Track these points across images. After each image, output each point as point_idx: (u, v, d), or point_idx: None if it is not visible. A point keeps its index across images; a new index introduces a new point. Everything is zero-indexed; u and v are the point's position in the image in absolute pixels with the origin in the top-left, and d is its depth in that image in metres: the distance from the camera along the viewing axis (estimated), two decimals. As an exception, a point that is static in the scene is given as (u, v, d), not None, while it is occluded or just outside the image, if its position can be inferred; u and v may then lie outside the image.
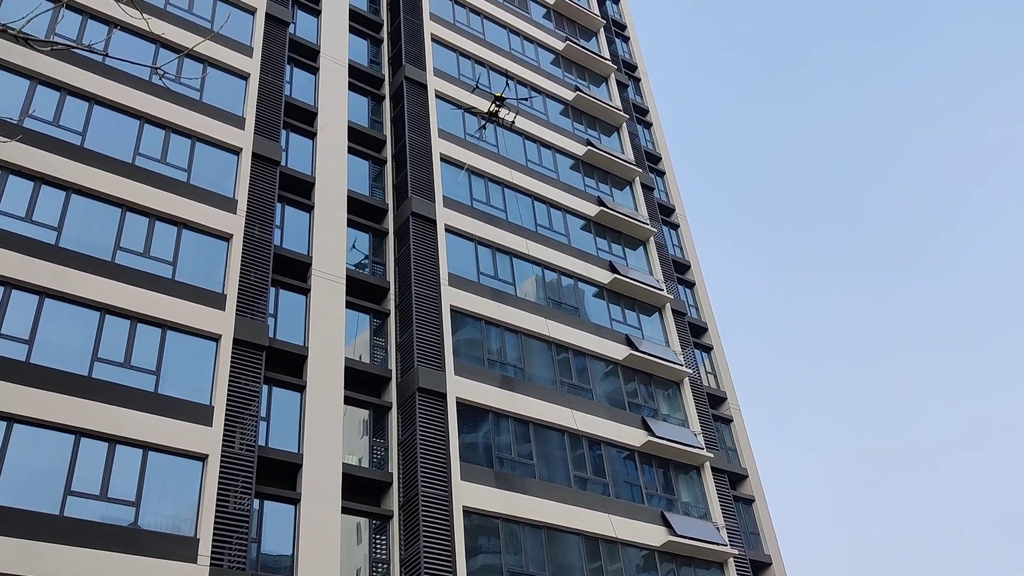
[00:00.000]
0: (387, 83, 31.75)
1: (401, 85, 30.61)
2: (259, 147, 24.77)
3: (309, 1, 30.96)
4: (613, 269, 30.94)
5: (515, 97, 32.44)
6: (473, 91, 31.33)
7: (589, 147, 34.04)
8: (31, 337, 18.61)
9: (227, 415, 19.90)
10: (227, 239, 22.75)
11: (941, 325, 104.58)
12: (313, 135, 27.43)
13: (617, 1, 47.07)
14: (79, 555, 16.65)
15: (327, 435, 21.50)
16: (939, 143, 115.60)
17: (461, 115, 31.35)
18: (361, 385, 24.15)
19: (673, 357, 29.93)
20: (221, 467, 19.14)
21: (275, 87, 26.61)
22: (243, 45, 26.69)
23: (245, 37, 27.03)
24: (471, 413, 24.33)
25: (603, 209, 32.30)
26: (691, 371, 30.29)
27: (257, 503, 20.00)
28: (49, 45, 7.36)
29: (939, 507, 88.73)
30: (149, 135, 23.30)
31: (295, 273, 24.27)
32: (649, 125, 41.66)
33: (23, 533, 16.35)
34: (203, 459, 19.13)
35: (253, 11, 27.76)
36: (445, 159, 29.47)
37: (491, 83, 32.98)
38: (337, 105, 28.45)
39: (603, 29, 41.20)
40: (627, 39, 45.22)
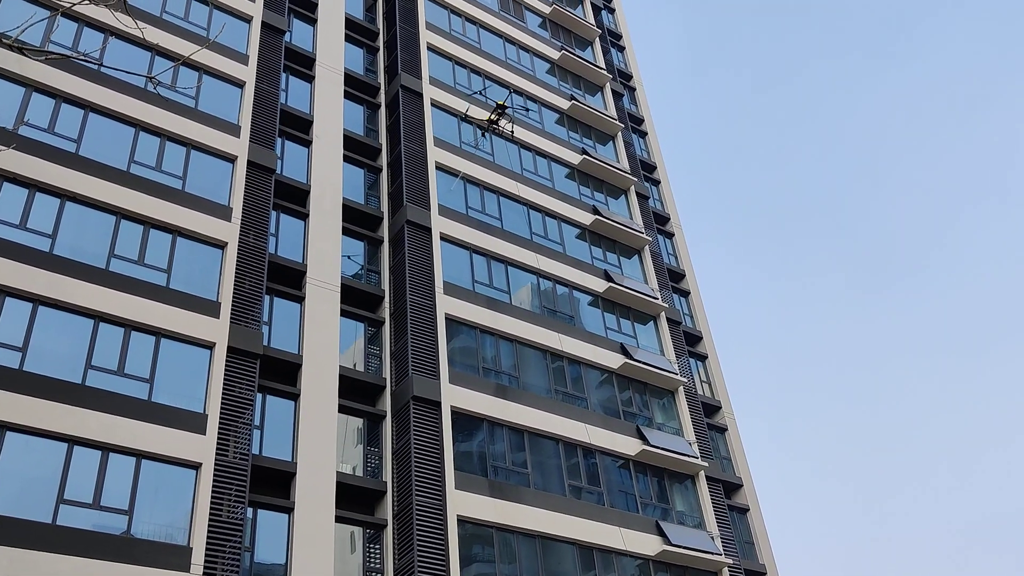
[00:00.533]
0: (383, 91, 31.81)
1: (397, 93, 30.66)
2: (254, 155, 24.79)
3: (305, 10, 31.04)
4: (608, 278, 30.96)
5: (513, 107, 32.50)
6: (476, 94, 31.42)
7: (584, 156, 34.11)
8: (24, 344, 18.56)
9: (221, 423, 19.86)
10: (222, 247, 22.73)
11: (938, 334, 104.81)
12: (308, 143, 27.46)
13: (612, 11, 47.23)
14: (71, 564, 16.57)
15: (321, 444, 21.45)
16: (937, 150, 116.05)
17: (457, 124, 31.42)
18: (355, 393, 24.12)
19: (668, 366, 29.95)
20: (215, 475, 19.08)
21: (271, 95, 26.64)
22: (239, 53, 26.73)
23: (241, 45, 27.07)
24: (466, 422, 24.30)
25: (598, 218, 32.35)
26: (686, 380, 30.31)
27: (251, 512, 19.94)
28: (44, 54, 7.36)
29: (935, 516, 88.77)
30: (144, 143, 23.31)
31: (290, 281, 24.26)
32: (644, 134, 41.76)
33: (15, 542, 16.27)
34: (196, 467, 19.07)
35: (249, 19, 27.81)
36: (440, 167, 29.50)
37: (485, 92, 33.02)
38: (333, 113, 28.48)
39: (598, 39, 41.33)
40: (622, 49, 45.37)
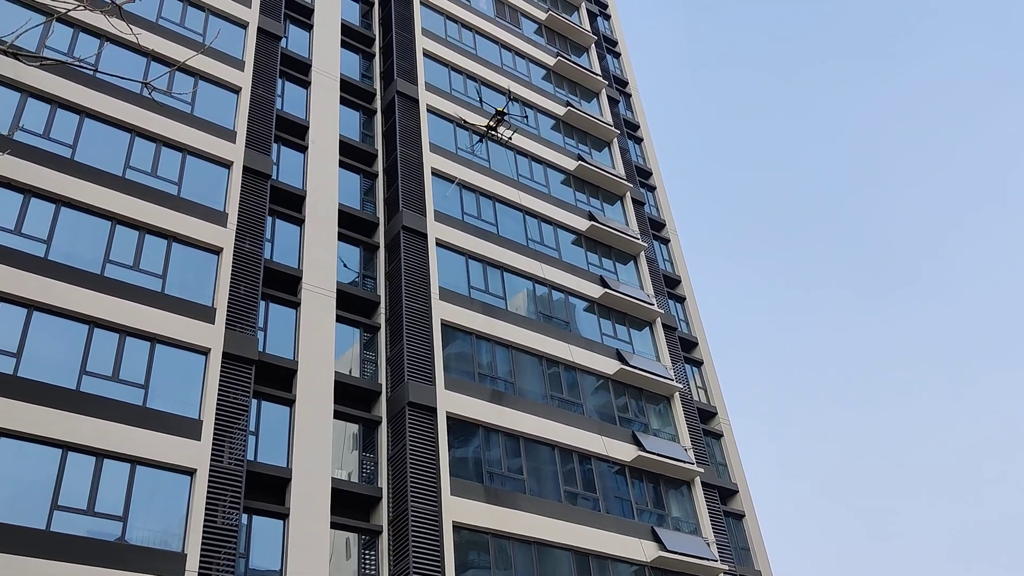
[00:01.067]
0: (379, 97, 31.84)
1: (393, 99, 30.69)
2: (250, 161, 24.78)
3: (301, 15, 31.07)
4: (604, 284, 30.98)
5: (511, 113, 32.54)
6: (476, 101, 31.50)
7: (580, 162, 34.15)
8: (19, 350, 18.51)
9: (216, 429, 19.81)
10: (217, 252, 22.71)
11: (934, 341, 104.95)
12: (304, 149, 27.46)
13: (608, 17, 47.33)
14: (65, 570, 16.51)
15: (316, 450, 21.42)
16: (937, 154, 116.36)
17: (453, 129, 31.46)
18: (351, 399, 24.09)
19: (663, 372, 29.95)
20: (209, 482, 19.04)
21: (266, 101, 26.64)
22: (235, 59, 26.73)
23: (237, 51, 27.08)
24: (461, 428, 24.27)
25: (594, 224, 32.37)
26: (681, 386, 30.31)
27: (245, 518, 19.89)
28: (39, 60, 7.35)
29: (933, 523, 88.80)
30: (140, 148, 23.29)
31: (285, 287, 24.24)
32: (640, 140, 41.82)
33: (9, 548, 16.21)
34: (191, 473, 19.02)
35: (245, 25, 27.83)
36: (436, 173, 29.52)
37: (482, 98, 33.06)
38: (328, 119, 28.50)
39: (594, 45, 41.39)
40: (618, 55, 45.46)
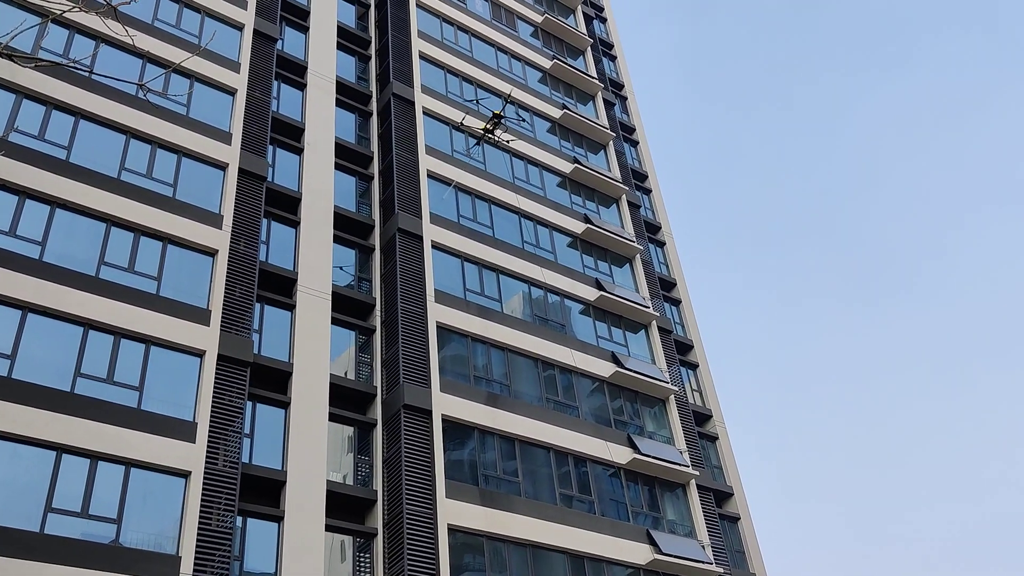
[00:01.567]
0: (374, 99, 31.84)
1: (389, 102, 30.69)
2: (245, 162, 24.76)
3: (297, 18, 31.06)
4: (599, 286, 31.00)
5: (507, 116, 32.55)
6: (474, 103, 31.50)
7: (576, 165, 34.17)
8: (13, 352, 18.47)
9: (211, 431, 19.78)
10: (212, 254, 22.69)
11: (931, 342, 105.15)
12: (300, 151, 27.44)
13: (604, 20, 47.40)
14: (60, 572, 16.47)
15: (311, 452, 21.39)
16: (932, 159, 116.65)
17: (449, 132, 31.47)
18: (346, 402, 24.07)
19: (659, 374, 29.97)
20: (204, 484, 19.00)
21: (262, 103, 26.63)
22: (231, 61, 26.72)
23: (233, 53, 27.06)
24: (456, 430, 24.26)
25: (589, 226, 32.40)
26: (677, 388, 30.33)
27: (240, 520, 19.86)
28: (35, 61, 7.34)
29: (930, 526, 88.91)
30: (135, 150, 23.26)
31: (280, 289, 24.21)
32: (636, 143, 41.87)
33: (2, 550, 16.16)
34: (186, 476, 18.99)
35: (241, 27, 27.82)
36: (432, 175, 29.53)
37: (478, 100, 33.07)
38: (324, 121, 28.49)
39: (590, 48, 41.45)
40: (614, 58, 45.52)
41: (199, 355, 20.82)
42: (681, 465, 27.85)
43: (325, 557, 20.58)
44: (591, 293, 30.72)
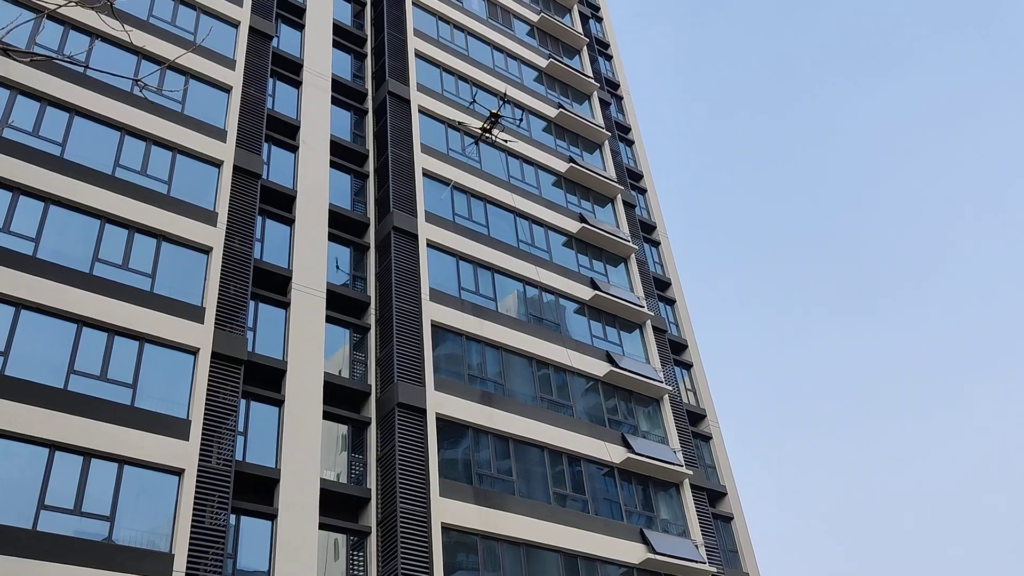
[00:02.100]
0: (370, 97, 31.80)
1: (384, 100, 30.65)
2: (240, 160, 24.71)
3: (293, 15, 31.01)
4: (594, 286, 31.01)
5: (506, 116, 32.56)
6: (470, 104, 31.52)
7: (571, 164, 34.18)
8: (6, 349, 18.42)
9: (204, 429, 19.74)
10: (207, 252, 22.64)
11: (926, 346, 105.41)
12: (295, 148, 27.40)
13: (600, 20, 47.40)
14: (52, 570, 16.42)
15: (305, 450, 21.37)
16: (931, 159, 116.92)
17: (444, 130, 31.45)
18: (340, 400, 24.04)
19: (653, 374, 29.99)
20: (197, 482, 18.97)
21: (257, 100, 26.58)
22: (226, 58, 26.66)
23: (228, 50, 27.01)
24: (451, 429, 24.25)
25: (585, 226, 32.41)
26: (671, 388, 30.35)
27: (233, 518, 19.83)
28: (29, 56, 7.31)
29: (922, 528, 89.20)
30: (130, 146, 23.20)
31: (275, 287, 24.17)
32: (631, 143, 41.87)
33: (-6, 548, 16.12)
34: (179, 473, 18.95)
35: (236, 24, 27.76)
36: (427, 174, 29.50)
37: (475, 98, 33.06)
38: (320, 119, 28.45)
39: (586, 47, 41.44)
40: (610, 58, 45.52)
41: (193, 352, 20.78)
42: (675, 464, 27.88)
43: (318, 555, 20.55)
44: (586, 292, 30.73)
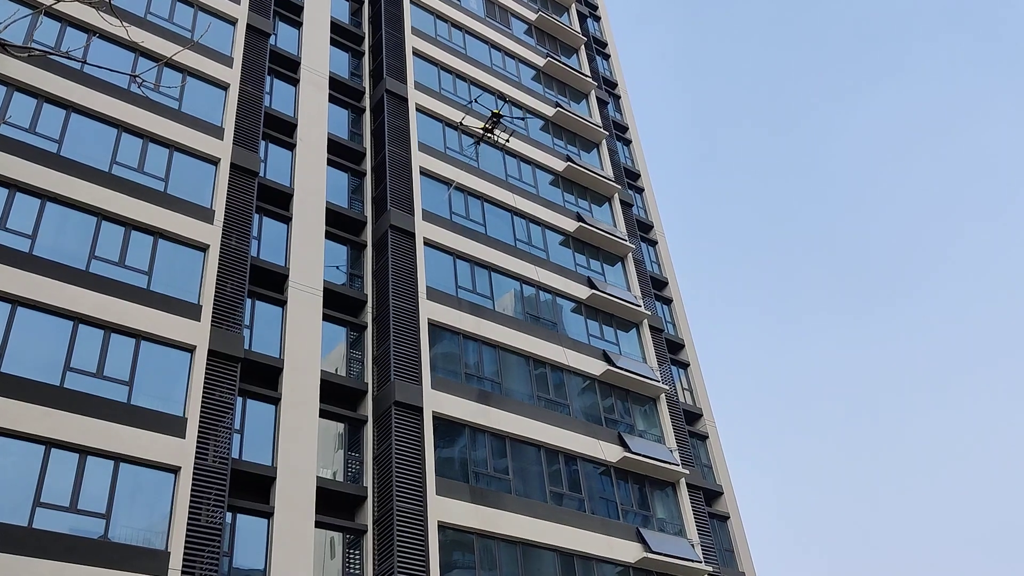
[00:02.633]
0: (367, 95, 31.78)
1: (382, 98, 30.63)
2: (237, 158, 24.68)
3: (290, 13, 30.98)
4: (591, 285, 31.02)
5: (508, 116, 32.55)
6: (470, 104, 31.53)
7: (569, 163, 34.18)
8: (3, 346, 18.38)
9: (201, 427, 19.72)
10: (204, 249, 22.61)
11: (924, 346, 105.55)
12: (292, 146, 27.38)
13: (598, 19, 47.41)
14: (48, 567, 16.40)
15: (301, 448, 21.35)
16: (930, 160, 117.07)
17: (442, 129, 31.44)
18: (337, 398, 24.02)
19: (650, 373, 30.00)
20: (194, 479, 18.95)
21: (255, 98, 26.55)
22: (223, 55, 26.63)
23: (225, 47, 26.98)
24: (447, 427, 24.25)
25: (582, 225, 32.41)
26: (668, 387, 30.37)
27: (230, 516, 19.81)
28: (26, 51, 7.29)
29: (923, 528, 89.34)
30: (126, 144, 23.16)
31: (272, 285, 24.15)
32: (629, 142, 41.89)
33: (-10, 545, 16.09)
34: (175, 471, 18.93)
35: (234, 22, 27.73)
36: (425, 172, 29.49)
37: (471, 96, 33.05)
38: (317, 117, 28.43)
39: (584, 46, 41.45)
40: (608, 56, 45.52)
41: (189, 350, 20.76)
42: (671, 464, 27.90)
43: (314, 553, 20.53)
44: (583, 291, 30.74)
